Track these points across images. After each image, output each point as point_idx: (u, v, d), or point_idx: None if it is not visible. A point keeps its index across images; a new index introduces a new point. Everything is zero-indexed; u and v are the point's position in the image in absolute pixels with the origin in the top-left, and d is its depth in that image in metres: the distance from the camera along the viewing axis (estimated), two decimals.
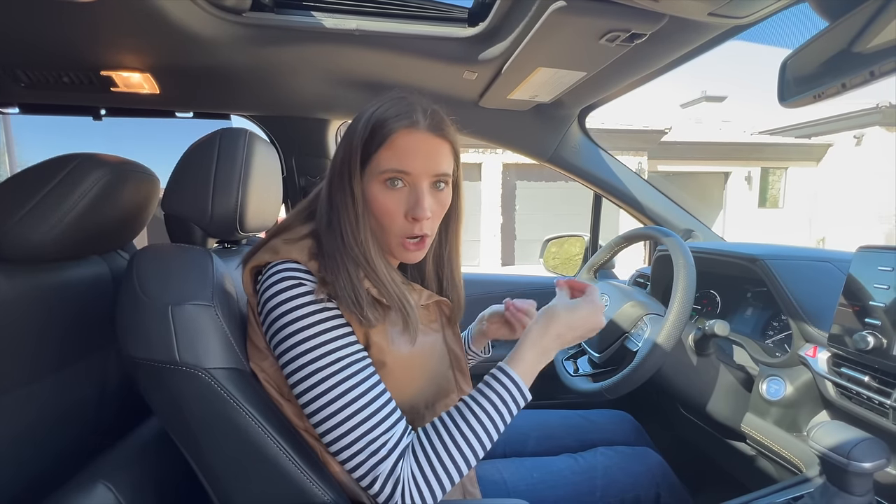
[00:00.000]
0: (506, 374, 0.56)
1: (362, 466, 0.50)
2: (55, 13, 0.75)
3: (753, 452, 0.91)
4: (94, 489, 0.56)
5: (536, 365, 0.58)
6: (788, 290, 0.82)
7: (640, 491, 0.79)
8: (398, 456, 0.50)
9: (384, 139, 0.55)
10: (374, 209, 0.56)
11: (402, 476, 0.50)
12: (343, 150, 0.58)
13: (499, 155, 8.58)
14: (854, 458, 0.58)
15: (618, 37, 0.72)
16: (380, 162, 0.55)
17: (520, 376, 0.56)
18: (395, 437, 0.51)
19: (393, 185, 0.56)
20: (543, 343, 0.58)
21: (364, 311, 0.53)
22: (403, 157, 0.55)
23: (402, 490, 0.49)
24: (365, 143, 0.55)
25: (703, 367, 0.90)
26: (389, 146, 0.55)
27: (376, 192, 0.56)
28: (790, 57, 0.60)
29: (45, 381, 0.64)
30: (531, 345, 0.58)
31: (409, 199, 0.56)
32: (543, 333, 0.59)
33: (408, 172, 0.55)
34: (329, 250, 0.55)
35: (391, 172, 0.55)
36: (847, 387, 0.69)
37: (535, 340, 0.59)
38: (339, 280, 0.53)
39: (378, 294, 0.55)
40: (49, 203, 0.61)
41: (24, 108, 1.16)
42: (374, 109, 0.56)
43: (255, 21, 0.80)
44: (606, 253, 1.15)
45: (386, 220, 0.57)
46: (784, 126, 10.94)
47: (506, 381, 0.56)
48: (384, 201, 0.56)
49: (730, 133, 10.73)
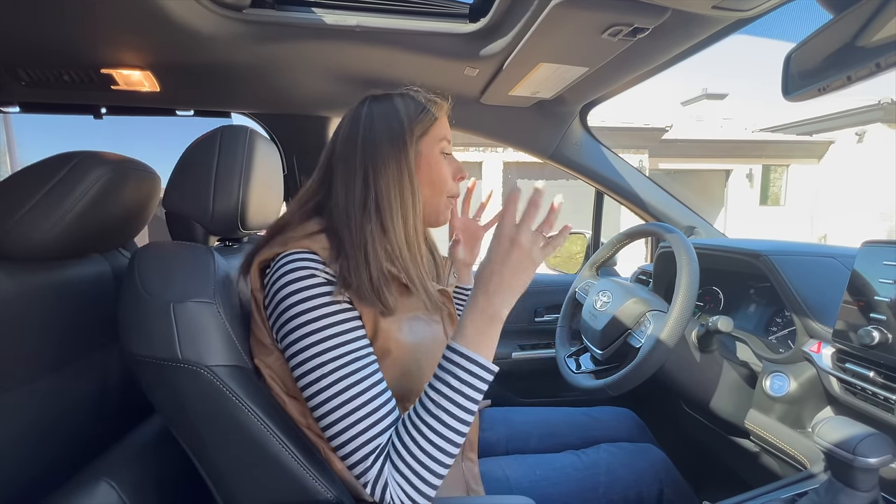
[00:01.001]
0: (453, 351, 0.51)
1: (356, 468, 0.50)
2: (56, 11, 0.75)
3: (757, 449, 0.91)
4: (97, 487, 0.56)
5: (485, 329, 0.51)
6: (792, 286, 0.82)
7: (643, 487, 0.79)
8: (384, 459, 0.50)
9: (435, 118, 0.64)
10: (435, 176, 0.64)
11: (387, 479, 0.49)
12: (384, 128, 0.61)
13: (499, 153, 8.57)
14: (860, 453, 0.58)
15: (620, 31, 0.72)
16: (436, 133, 0.64)
17: (467, 347, 0.51)
18: (384, 440, 0.51)
19: (445, 155, 0.66)
20: (479, 304, 0.52)
21: (386, 300, 0.54)
22: (448, 132, 0.67)
23: (390, 492, 0.49)
24: (419, 118, 0.62)
25: (706, 363, 0.90)
26: (440, 121, 0.65)
27: (436, 158, 0.64)
28: (794, 51, 0.60)
29: (47, 379, 0.64)
30: (468, 312, 0.52)
31: (453, 165, 0.67)
32: (474, 295, 0.53)
33: (450, 143, 0.67)
34: (356, 240, 0.55)
35: (445, 142, 0.65)
36: (852, 382, 0.69)
37: (470, 306, 0.53)
38: (363, 276, 0.53)
39: (398, 271, 0.57)
40: (50, 201, 0.60)
41: (24, 106, 1.16)
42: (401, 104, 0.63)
43: (255, 18, 0.80)
44: (609, 250, 1.14)
45: (441, 182, 0.65)
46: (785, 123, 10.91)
47: (455, 357, 0.51)
48: (442, 166, 0.65)
49: (731, 130, 10.70)
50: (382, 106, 0.63)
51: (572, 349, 1.11)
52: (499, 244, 0.52)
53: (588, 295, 1.08)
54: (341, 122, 0.65)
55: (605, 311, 0.98)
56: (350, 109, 0.64)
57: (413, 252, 0.59)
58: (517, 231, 0.52)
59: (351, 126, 0.62)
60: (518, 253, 0.51)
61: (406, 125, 0.61)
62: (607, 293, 1.01)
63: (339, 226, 0.57)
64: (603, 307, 1.00)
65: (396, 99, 0.64)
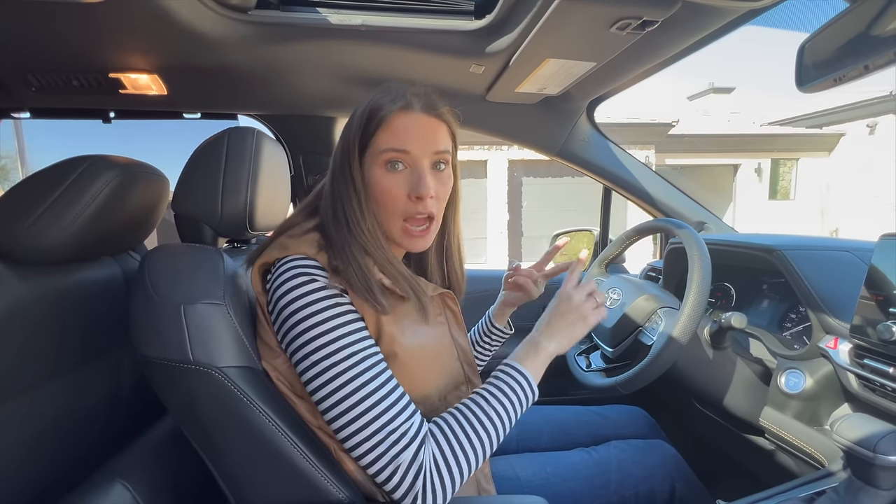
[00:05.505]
0: (514, 369, 0.58)
1: (383, 458, 0.50)
2: (63, 17, 0.75)
3: (772, 447, 0.89)
4: (112, 488, 0.57)
5: (539, 365, 0.60)
6: (807, 281, 0.81)
7: (654, 483, 0.79)
8: (420, 443, 0.51)
9: (381, 122, 0.56)
10: (376, 192, 0.57)
11: (425, 462, 0.50)
12: (342, 140, 0.59)
13: (504, 151, 8.54)
14: (880, 451, 0.57)
15: (629, 24, 0.71)
16: (378, 144, 0.56)
17: (528, 371, 0.58)
18: (415, 425, 0.52)
19: (394, 168, 0.56)
20: (538, 343, 0.61)
21: (377, 296, 0.53)
22: (401, 137, 0.56)
23: (423, 477, 0.49)
24: (363, 129, 0.56)
25: (719, 360, 0.88)
26: (386, 128, 0.56)
27: (378, 175, 0.56)
28: (808, 41, 0.59)
29: (61, 382, 0.65)
30: (528, 345, 0.61)
31: (411, 180, 0.56)
32: (535, 335, 0.62)
33: (407, 152, 0.56)
34: (338, 240, 0.55)
35: (390, 153, 0.56)
36: (871, 378, 0.67)
37: (530, 342, 0.61)
38: (350, 267, 0.53)
39: (391, 284, 0.56)
40: (61, 205, 0.61)
41: (35, 112, 1.17)
42: (370, 99, 0.58)
43: (260, 19, 0.80)
44: (618, 247, 1.13)
45: (389, 202, 0.57)
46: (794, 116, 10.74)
47: (515, 374, 0.58)
48: (385, 183, 0.56)
49: (739, 125, 10.56)
50: (354, 112, 0.60)
51: (582, 347, 1.10)
52: (560, 302, 0.63)
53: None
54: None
55: (615, 309, 0.97)
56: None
57: (389, 260, 0.57)
58: (576, 293, 0.63)
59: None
60: (575, 313, 0.62)
61: (351, 139, 0.57)
62: (617, 290, 1.00)
63: (326, 225, 0.58)
64: (613, 304, 0.99)
65: (366, 101, 0.59)
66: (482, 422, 0.54)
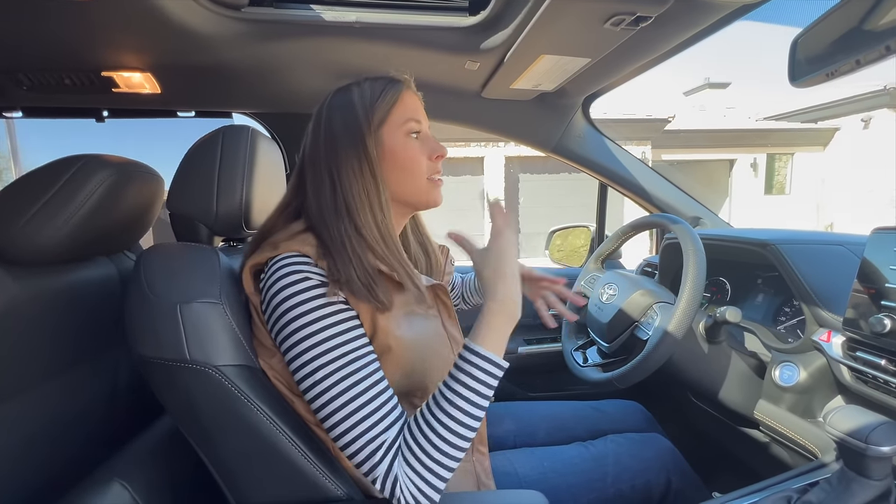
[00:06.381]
0: (467, 349, 0.53)
1: (364, 465, 0.50)
2: (55, 15, 0.74)
3: (767, 439, 0.90)
4: (110, 488, 0.57)
5: (497, 326, 0.54)
6: (801, 275, 0.81)
7: (650, 476, 0.79)
8: (393, 455, 0.50)
9: (396, 98, 0.61)
10: (403, 159, 0.61)
11: (398, 475, 0.49)
12: (340, 123, 0.60)
13: (501, 148, 8.53)
14: (872, 442, 0.57)
15: (623, 20, 0.71)
16: (397, 117, 0.61)
17: (483, 346, 0.53)
18: (391, 436, 0.51)
19: (415, 136, 0.62)
20: (487, 303, 0.55)
21: (378, 296, 0.53)
22: (414, 110, 0.63)
23: (400, 488, 0.49)
24: (375, 106, 0.60)
25: (714, 354, 0.89)
26: (401, 103, 0.61)
27: (402, 143, 0.61)
28: (801, 35, 0.59)
29: (57, 382, 0.64)
30: (482, 313, 0.56)
31: (428, 144, 0.63)
32: (484, 298, 0.57)
33: (420, 122, 0.63)
34: (336, 240, 0.55)
35: (411, 122, 0.62)
36: (863, 371, 0.68)
37: (483, 307, 0.56)
38: (352, 272, 0.53)
39: (389, 269, 0.56)
40: (55, 204, 0.61)
41: (27, 111, 1.16)
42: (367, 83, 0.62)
43: (254, 16, 0.79)
44: (614, 242, 1.14)
45: (416, 166, 0.62)
46: (789, 111, 10.78)
47: (468, 355, 0.52)
48: (411, 149, 0.62)
49: (734, 120, 10.59)
50: (341, 99, 0.61)
51: (579, 343, 1.11)
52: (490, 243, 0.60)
53: (594, 288, 1.08)
54: (309, 123, 0.64)
55: (611, 304, 0.98)
56: (317, 107, 0.64)
57: (390, 247, 0.58)
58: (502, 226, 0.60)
59: (315, 125, 0.62)
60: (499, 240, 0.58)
61: (362, 117, 0.59)
62: (613, 286, 1.01)
63: (318, 227, 0.57)
64: (609, 300, 0.99)
65: (354, 89, 0.61)
66: (448, 419, 0.50)
